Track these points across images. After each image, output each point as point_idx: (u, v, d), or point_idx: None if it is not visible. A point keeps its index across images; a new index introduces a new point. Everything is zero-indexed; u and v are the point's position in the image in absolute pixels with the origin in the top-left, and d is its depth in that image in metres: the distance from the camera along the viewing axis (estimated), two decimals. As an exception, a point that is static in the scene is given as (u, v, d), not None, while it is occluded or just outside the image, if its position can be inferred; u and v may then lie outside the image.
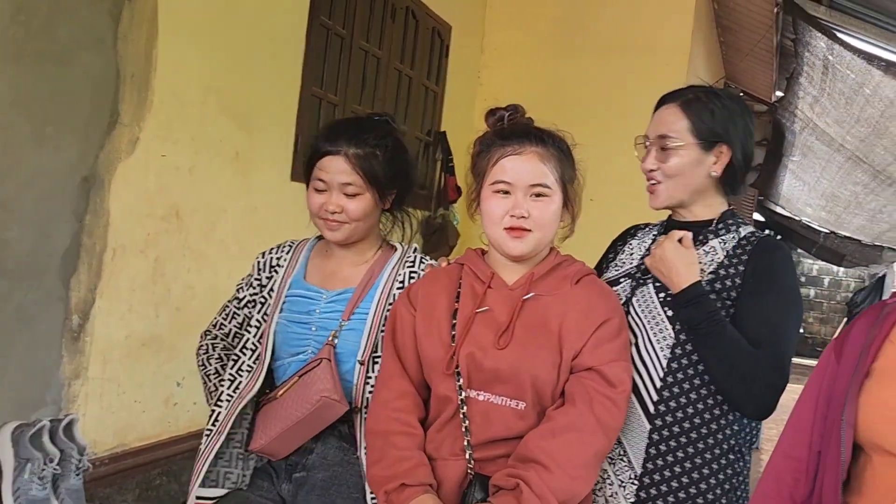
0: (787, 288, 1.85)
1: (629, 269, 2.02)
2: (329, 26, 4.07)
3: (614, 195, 5.19)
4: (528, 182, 1.77)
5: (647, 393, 1.85)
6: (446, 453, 1.76)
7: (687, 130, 1.91)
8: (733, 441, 1.84)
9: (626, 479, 1.84)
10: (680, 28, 5.57)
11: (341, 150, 1.99)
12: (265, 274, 2.16)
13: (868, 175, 8.48)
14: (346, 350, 2.00)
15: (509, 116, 1.87)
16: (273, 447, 1.99)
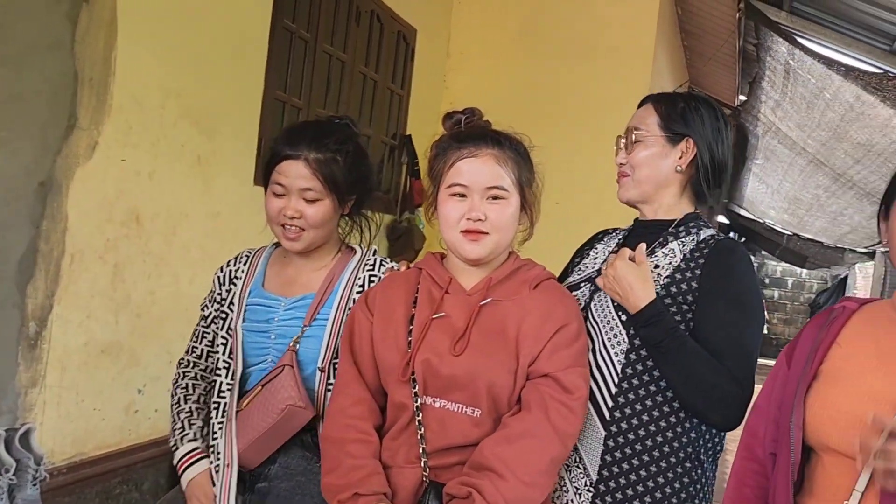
0: (745, 291, 1.84)
1: (590, 273, 2.01)
2: (292, 29, 4.05)
3: (579, 197, 5.23)
4: (484, 184, 1.75)
5: (602, 399, 1.83)
6: (401, 461, 1.74)
7: (654, 123, 1.94)
8: (690, 449, 1.82)
9: (582, 487, 1.83)
10: (644, 32, 5.61)
11: (301, 154, 1.97)
12: (225, 287, 2.14)
13: (829, 178, 8.60)
14: (307, 357, 1.99)
15: (466, 120, 1.86)
16: (243, 458, 1.97)
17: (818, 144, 7.64)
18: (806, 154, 8.31)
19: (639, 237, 1.99)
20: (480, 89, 5.71)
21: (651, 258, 1.90)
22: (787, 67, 6.39)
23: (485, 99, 5.41)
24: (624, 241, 2.04)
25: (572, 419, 1.70)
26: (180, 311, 3.36)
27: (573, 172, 5.24)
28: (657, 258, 1.90)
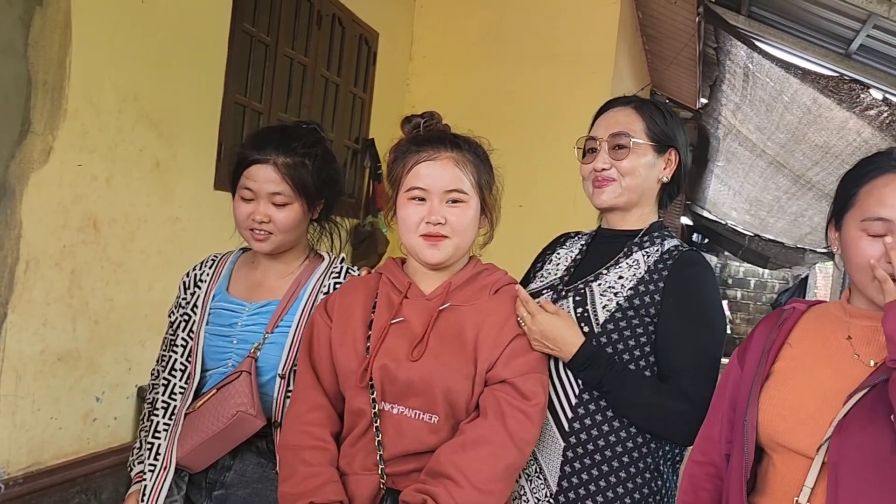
0: (706, 307, 1.84)
1: (552, 280, 2.00)
2: (253, 33, 4.02)
3: (542, 201, 5.27)
4: (443, 188, 1.74)
5: (562, 410, 1.82)
6: (358, 468, 1.73)
7: (642, 131, 1.92)
8: (650, 459, 1.82)
9: (542, 497, 1.82)
10: (605, 37, 5.65)
11: (270, 158, 1.95)
12: (189, 291, 2.12)
13: (789, 180, 8.71)
14: (268, 363, 1.96)
15: (425, 123, 1.84)
16: (189, 460, 1.95)
17: (777, 146, 7.73)
18: (766, 156, 8.41)
19: (602, 245, 2.00)
20: (443, 93, 5.71)
21: (615, 268, 1.90)
22: (747, 70, 6.46)
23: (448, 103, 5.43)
24: (587, 247, 2.03)
25: (529, 426, 1.68)
26: (139, 317, 3.32)
27: (536, 176, 5.28)
28: (621, 269, 1.89)
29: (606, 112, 2.00)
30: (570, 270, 1.99)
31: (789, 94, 6.09)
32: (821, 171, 7.46)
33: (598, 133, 1.95)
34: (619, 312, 1.82)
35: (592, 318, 1.83)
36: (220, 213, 3.59)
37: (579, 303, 1.87)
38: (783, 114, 6.68)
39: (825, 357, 1.64)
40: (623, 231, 1.97)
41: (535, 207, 5.23)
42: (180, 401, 2.01)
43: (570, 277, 1.97)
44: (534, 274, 2.11)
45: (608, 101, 2.04)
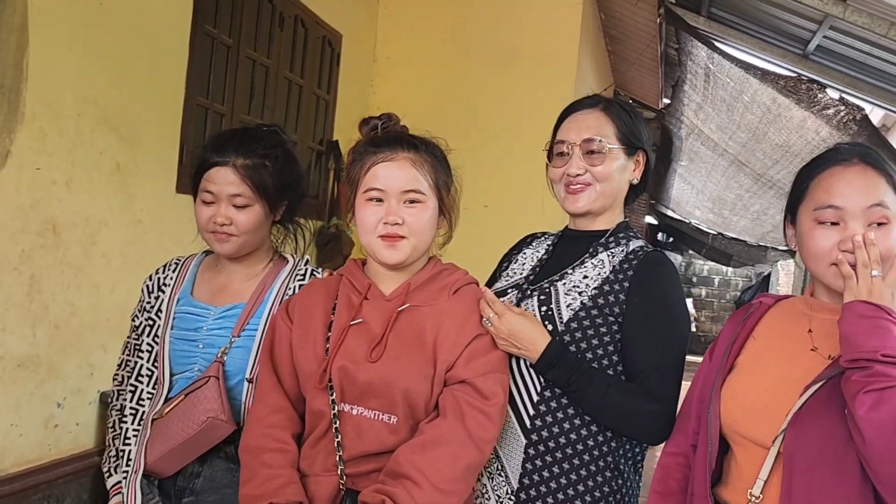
0: (670, 306, 1.86)
1: (518, 279, 2.01)
2: (214, 35, 4.00)
3: (507, 201, 5.29)
4: (401, 188, 1.75)
5: (523, 408, 1.83)
6: (319, 469, 1.73)
7: (613, 135, 1.93)
8: (610, 458, 1.83)
9: (504, 495, 1.83)
10: (568, 38, 5.69)
11: (229, 160, 1.95)
12: (154, 295, 2.11)
13: (750, 178, 8.82)
14: (235, 367, 1.97)
15: (382, 125, 1.85)
16: (158, 466, 1.95)
17: (739, 146, 7.84)
18: (728, 155, 8.51)
19: (568, 246, 2.02)
20: (407, 94, 5.72)
21: (581, 268, 1.92)
22: (707, 71, 6.54)
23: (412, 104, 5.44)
24: (553, 247, 2.05)
25: (489, 425, 1.69)
26: (101, 321, 3.29)
27: (501, 176, 5.30)
28: (586, 269, 1.91)
29: (574, 115, 1.99)
30: (536, 270, 2.01)
31: (749, 94, 6.18)
32: (781, 169, 7.56)
33: (568, 137, 1.95)
34: (584, 311, 1.84)
35: (556, 317, 1.85)
36: (183, 215, 3.56)
37: (543, 301, 1.88)
38: (744, 113, 6.77)
39: (785, 350, 1.68)
40: (590, 232, 1.99)
41: (501, 208, 5.26)
42: (149, 406, 2.01)
43: (536, 277, 1.99)
44: (499, 273, 2.12)
45: (574, 103, 2.04)
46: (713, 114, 7.63)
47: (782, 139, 6.64)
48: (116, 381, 2.17)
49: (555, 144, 1.98)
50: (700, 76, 6.86)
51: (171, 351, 2.03)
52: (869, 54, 5.06)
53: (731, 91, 6.51)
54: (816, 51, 5.50)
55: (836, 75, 5.63)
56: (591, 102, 2.00)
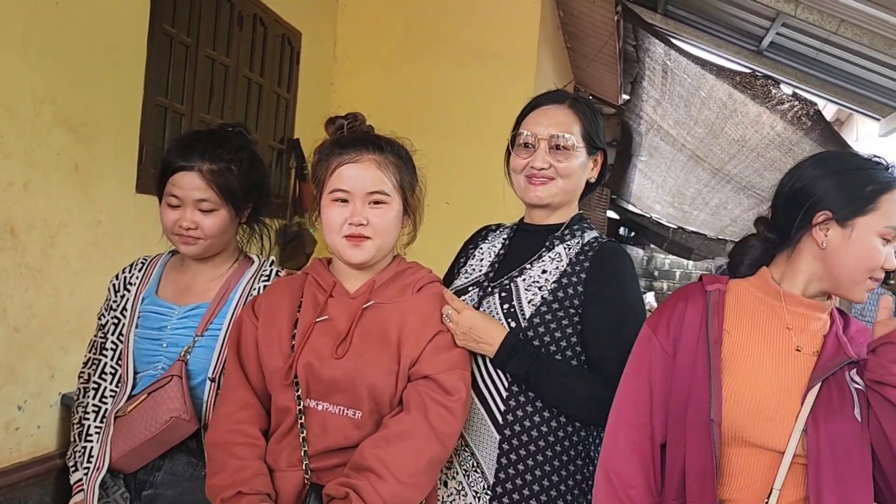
0: (625, 295, 1.89)
1: (477, 276, 2.04)
2: (172, 34, 3.98)
3: (469, 197, 5.32)
4: (365, 189, 1.77)
5: (494, 404, 1.87)
6: (284, 464, 1.75)
7: (579, 133, 1.96)
8: (581, 447, 1.88)
9: (480, 490, 1.86)
10: (527, 35, 5.73)
11: (195, 165, 1.95)
12: (119, 294, 2.11)
13: (708, 173, 8.94)
14: (198, 367, 1.98)
15: (348, 125, 1.87)
16: (121, 462, 1.97)
17: (696, 141, 7.94)
18: (686, 150, 8.62)
19: (524, 240, 2.05)
20: (368, 92, 5.73)
21: (539, 262, 1.95)
22: (665, 67, 6.62)
23: (373, 102, 5.46)
24: (509, 242, 2.08)
25: (451, 420, 1.72)
26: (61, 323, 3.27)
27: (462, 173, 5.33)
28: (544, 263, 1.94)
29: (543, 108, 2.01)
30: (494, 266, 2.03)
31: (706, 89, 6.26)
32: (738, 164, 7.68)
33: (536, 130, 1.97)
34: (545, 306, 1.87)
35: (519, 313, 1.88)
36: (143, 215, 3.57)
37: (505, 298, 1.91)
38: (701, 109, 6.86)
39: (767, 345, 1.70)
40: (546, 226, 2.02)
41: (463, 204, 5.29)
42: (111, 404, 2.02)
43: (495, 273, 2.01)
44: (458, 270, 2.14)
45: (541, 96, 2.06)
46: (671, 109, 7.72)
47: (739, 134, 6.74)
48: (82, 378, 2.16)
49: (519, 135, 2.00)
50: (658, 72, 6.94)
51: (135, 349, 2.03)
52: (820, 50, 5.16)
53: (688, 87, 6.60)
54: (770, 47, 5.60)
55: (789, 71, 5.74)
56: (560, 98, 2.03)
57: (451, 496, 1.89)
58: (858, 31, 4.25)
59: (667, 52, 6.22)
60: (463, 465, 1.89)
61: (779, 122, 5.76)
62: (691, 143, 8.19)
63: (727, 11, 5.51)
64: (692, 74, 6.21)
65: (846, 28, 4.28)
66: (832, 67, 5.36)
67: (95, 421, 2.05)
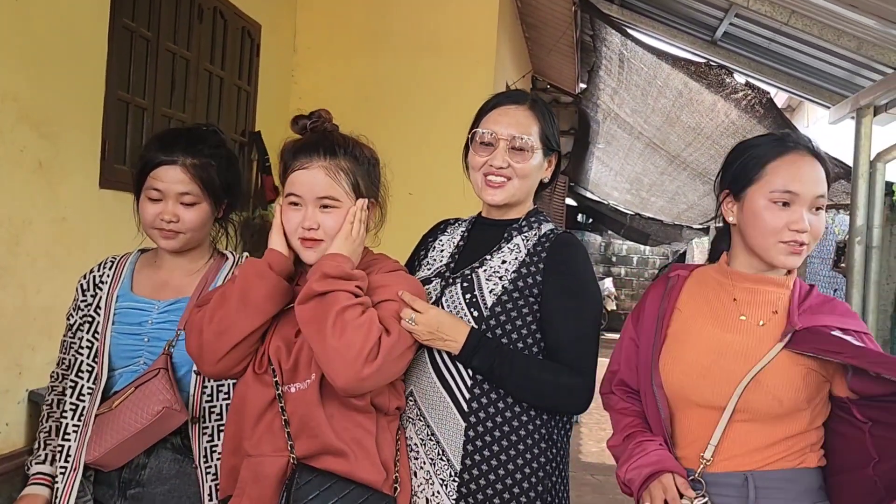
0: (583, 283, 1.97)
1: (439, 267, 2.08)
2: (133, 28, 3.97)
3: (430, 187, 5.36)
4: (315, 195, 1.82)
5: (459, 392, 1.91)
6: (269, 450, 1.79)
7: (537, 135, 2.01)
8: (544, 430, 1.94)
9: (448, 478, 1.91)
10: (486, 26, 5.79)
11: (178, 159, 2.00)
12: (90, 293, 2.12)
13: (665, 160, 9.08)
14: (183, 359, 2.00)
15: (311, 124, 1.91)
16: (107, 459, 1.98)
17: (653, 129, 8.07)
18: (643, 138, 8.75)
19: (483, 233, 2.10)
20: (328, 84, 5.74)
21: (498, 254, 2.01)
22: (622, 57, 6.72)
23: (333, 94, 5.48)
24: (468, 234, 2.13)
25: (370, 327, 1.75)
26: (28, 321, 3.26)
27: (423, 163, 5.37)
28: (503, 254, 2.00)
29: (504, 108, 2.05)
30: (455, 257, 2.08)
31: (662, 79, 6.38)
32: (694, 151, 7.82)
33: (497, 129, 2.00)
34: (506, 295, 1.93)
35: (481, 303, 1.93)
36: (107, 211, 3.56)
37: (467, 289, 1.96)
38: (657, 98, 6.97)
39: (713, 317, 1.87)
40: (504, 220, 2.08)
41: (425, 195, 5.32)
42: (88, 402, 2.03)
43: (455, 264, 2.06)
44: (418, 262, 2.18)
45: (502, 95, 2.10)
46: (628, 98, 7.84)
47: (694, 122, 6.87)
48: (52, 378, 2.17)
49: (479, 133, 2.04)
50: (615, 62, 7.04)
51: (114, 346, 2.05)
52: (772, 40, 5.27)
53: (644, 76, 6.71)
54: (724, 37, 5.71)
55: (742, 61, 5.86)
56: (520, 98, 2.07)
57: (421, 485, 1.93)
58: (809, 22, 4.36)
59: (623, 42, 6.32)
60: (429, 454, 1.94)
61: (733, 110, 5.89)
62: (648, 131, 8.32)
63: (682, 2, 5.60)
64: (648, 64, 6.32)
65: (797, 19, 4.38)
66: (784, 57, 5.48)
67: (73, 419, 2.05)
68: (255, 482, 1.79)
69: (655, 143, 8.60)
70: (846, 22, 4.15)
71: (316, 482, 1.74)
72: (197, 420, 2.00)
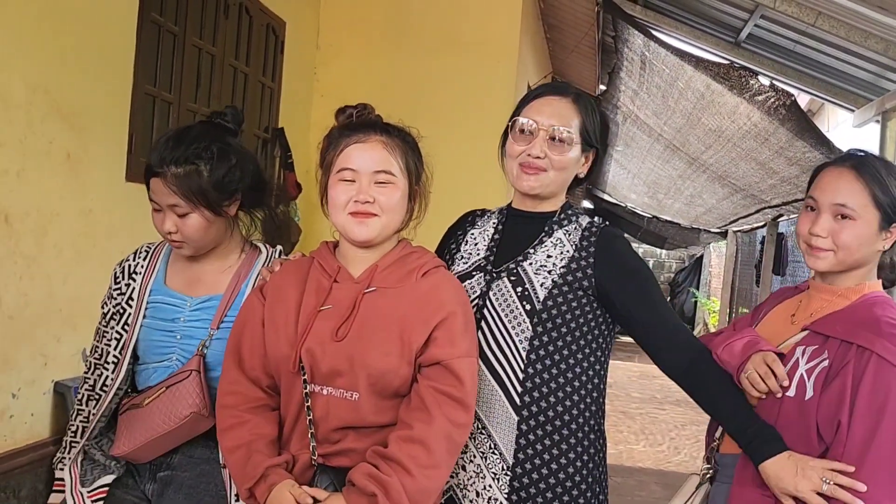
0: (641, 267, 2.04)
1: (478, 261, 2.06)
2: (161, 23, 3.99)
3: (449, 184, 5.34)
4: (372, 168, 1.81)
5: (511, 386, 1.92)
6: (294, 448, 1.81)
7: (577, 128, 2.00)
8: (593, 421, 1.96)
9: (500, 471, 1.91)
10: (508, 26, 5.78)
11: (164, 170, 1.93)
12: (124, 282, 2.10)
13: (684, 162, 9.05)
14: (215, 359, 1.98)
15: (357, 113, 1.91)
16: (137, 454, 2.00)
17: (673, 131, 8.04)
18: (662, 140, 8.73)
19: (518, 226, 2.09)
20: (350, 81, 5.75)
21: (541, 248, 2.01)
22: (643, 58, 6.69)
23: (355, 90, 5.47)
24: (502, 226, 2.11)
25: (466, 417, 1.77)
26: (54, 312, 3.28)
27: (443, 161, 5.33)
28: (547, 248, 2.00)
29: (545, 98, 2.04)
30: (493, 250, 2.07)
31: (684, 80, 6.35)
32: (714, 154, 7.79)
33: (538, 118, 2.00)
34: (556, 289, 1.94)
35: (533, 296, 1.93)
36: (133, 204, 3.58)
37: (516, 282, 1.96)
38: (678, 99, 6.94)
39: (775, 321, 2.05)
40: (539, 213, 2.07)
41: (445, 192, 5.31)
42: (111, 392, 2.03)
43: (495, 258, 2.05)
44: (450, 256, 2.15)
45: (547, 85, 2.12)
46: (648, 100, 7.81)
47: (716, 124, 6.84)
48: (86, 367, 2.17)
49: (519, 121, 2.03)
50: (636, 63, 7.02)
51: (146, 340, 2.04)
52: (798, 42, 5.25)
53: (666, 78, 6.68)
54: (748, 39, 5.69)
55: (766, 63, 5.83)
56: (564, 90, 2.06)
57: (471, 479, 1.93)
58: (836, 24, 4.34)
59: (646, 44, 6.29)
60: (480, 447, 1.93)
61: (755, 112, 5.86)
62: (668, 133, 8.29)
63: (706, 3, 5.59)
64: (670, 65, 6.29)
65: (823, 20, 4.37)
66: (809, 59, 5.46)
67: (93, 408, 2.07)
68: None
69: (675, 146, 8.57)
70: (874, 24, 4.14)
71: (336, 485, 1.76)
72: None
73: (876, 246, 1.86)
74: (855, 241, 1.83)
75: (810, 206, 1.91)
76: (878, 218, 1.83)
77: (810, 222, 1.88)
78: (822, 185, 1.89)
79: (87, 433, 2.05)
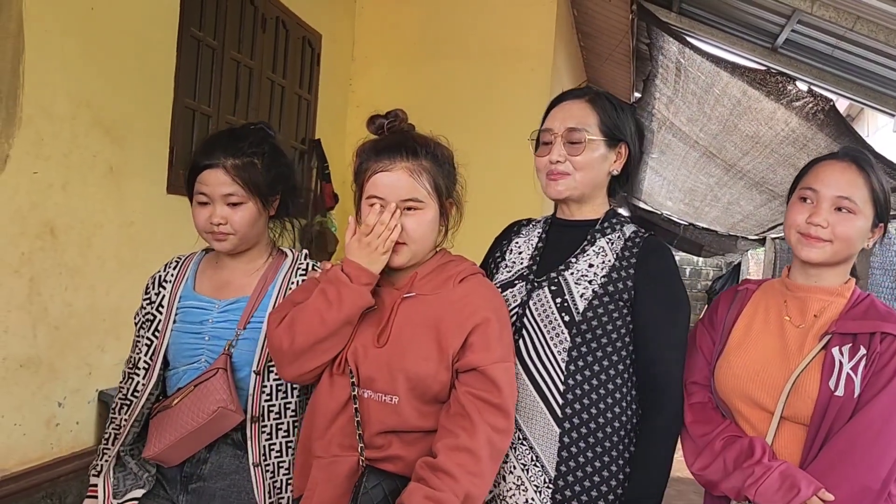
0: (675, 290, 1.97)
1: (520, 270, 2.06)
2: (200, 37, 4.05)
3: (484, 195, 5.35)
4: (399, 197, 1.82)
5: (552, 397, 1.90)
6: (338, 449, 1.82)
7: (596, 126, 1.99)
8: (633, 432, 1.94)
9: (542, 484, 1.90)
10: (543, 34, 5.78)
11: (219, 162, 2.01)
12: (154, 291, 2.16)
13: (721, 169, 8.96)
14: (242, 359, 2.03)
15: (388, 124, 1.92)
16: (167, 455, 2.02)
17: (710, 137, 7.97)
18: (699, 147, 8.65)
19: (561, 234, 2.08)
20: (385, 92, 5.79)
21: (583, 257, 1.99)
22: (679, 65, 6.65)
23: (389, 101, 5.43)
24: (546, 236, 2.11)
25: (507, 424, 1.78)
26: (98, 322, 3.34)
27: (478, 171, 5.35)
28: (589, 257, 1.98)
29: (561, 104, 2.05)
30: (536, 259, 2.06)
31: (720, 87, 6.30)
32: (751, 160, 7.71)
33: (553, 125, 2.01)
34: (596, 300, 1.92)
35: (572, 307, 1.92)
36: (174, 216, 3.64)
37: (556, 292, 1.95)
38: (714, 106, 6.88)
39: (766, 324, 1.96)
40: (581, 221, 2.06)
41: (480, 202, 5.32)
42: (143, 398, 2.07)
43: (538, 267, 2.04)
44: (495, 265, 2.15)
45: (563, 93, 2.10)
46: (684, 107, 7.75)
47: (752, 130, 6.77)
48: (122, 377, 2.22)
49: (541, 133, 2.04)
50: (671, 70, 6.98)
51: (175, 344, 2.09)
52: (836, 47, 5.19)
53: (701, 84, 6.63)
54: (785, 45, 5.64)
55: (804, 68, 5.77)
56: (579, 94, 2.06)
57: (511, 491, 1.92)
58: (874, 28, 4.29)
59: (681, 50, 6.25)
60: (521, 459, 1.92)
61: (793, 118, 5.79)
62: (704, 140, 8.22)
63: (742, 9, 5.55)
64: (706, 72, 6.25)
65: (862, 25, 4.31)
66: (848, 64, 5.39)
67: (124, 414, 2.11)
68: (326, 482, 1.81)
69: (711, 152, 8.49)
70: (913, 27, 4.08)
71: (384, 486, 1.77)
72: (256, 419, 2.02)
73: (864, 243, 1.90)
74: (855, 233, 1.86)
75: (805, 197, 1.91)
76: (872, 215, 1.88)
77: (807, 212, 1.89)
78: (822, 178, 1.89)
79: (120, 440, 2.08)
